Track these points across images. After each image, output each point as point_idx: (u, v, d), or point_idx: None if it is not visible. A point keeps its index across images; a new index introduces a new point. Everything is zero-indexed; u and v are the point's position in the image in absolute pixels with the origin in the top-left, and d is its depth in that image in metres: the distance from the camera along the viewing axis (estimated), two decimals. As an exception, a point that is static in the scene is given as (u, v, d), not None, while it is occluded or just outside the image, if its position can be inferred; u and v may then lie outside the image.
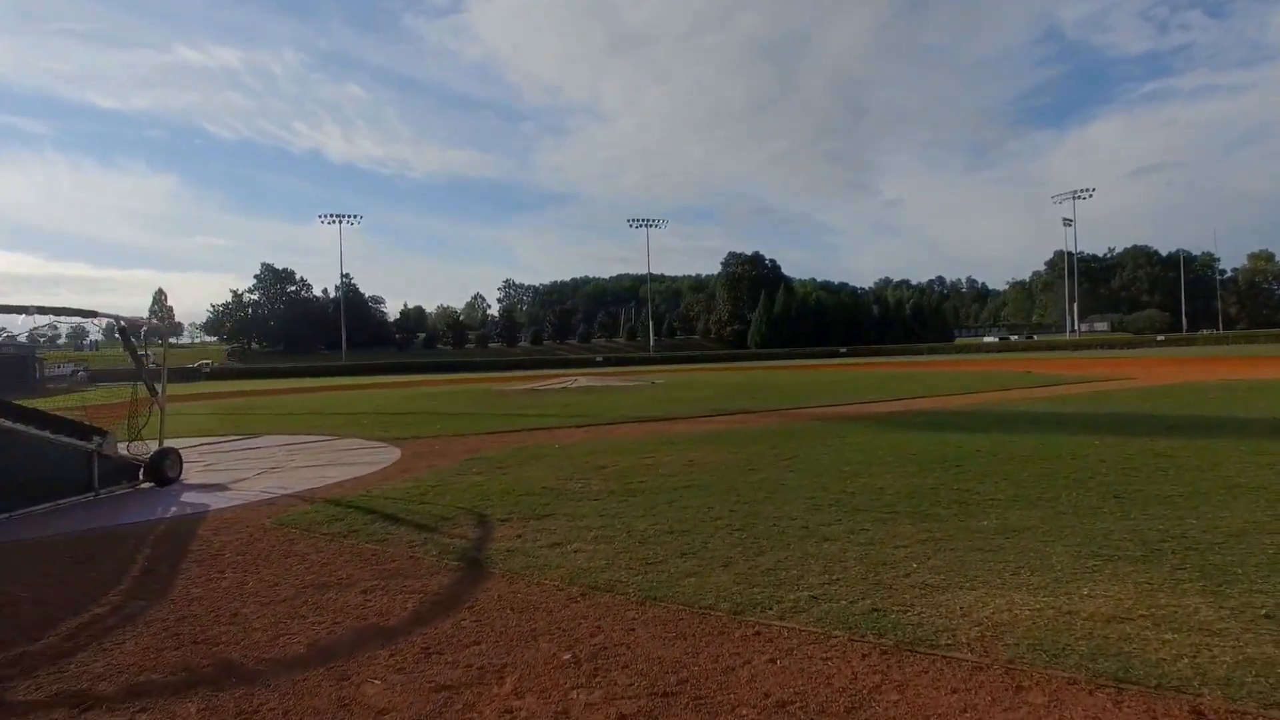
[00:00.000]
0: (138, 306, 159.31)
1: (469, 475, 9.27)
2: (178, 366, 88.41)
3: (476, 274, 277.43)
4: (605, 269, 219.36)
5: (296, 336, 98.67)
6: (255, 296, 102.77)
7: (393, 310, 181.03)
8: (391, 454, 11.65)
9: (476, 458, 10.78)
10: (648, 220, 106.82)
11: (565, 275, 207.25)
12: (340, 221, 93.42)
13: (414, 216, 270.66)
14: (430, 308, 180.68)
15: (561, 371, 64.26)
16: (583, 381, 29.72)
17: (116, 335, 10.48)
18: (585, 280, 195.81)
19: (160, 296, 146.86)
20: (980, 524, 5.96)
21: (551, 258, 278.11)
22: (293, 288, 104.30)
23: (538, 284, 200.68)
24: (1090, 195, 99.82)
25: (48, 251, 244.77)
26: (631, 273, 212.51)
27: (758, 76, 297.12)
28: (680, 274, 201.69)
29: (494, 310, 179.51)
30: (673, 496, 7.47)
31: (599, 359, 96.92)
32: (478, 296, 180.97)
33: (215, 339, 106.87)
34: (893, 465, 8.91)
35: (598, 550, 5.61)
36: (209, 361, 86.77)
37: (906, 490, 7.38)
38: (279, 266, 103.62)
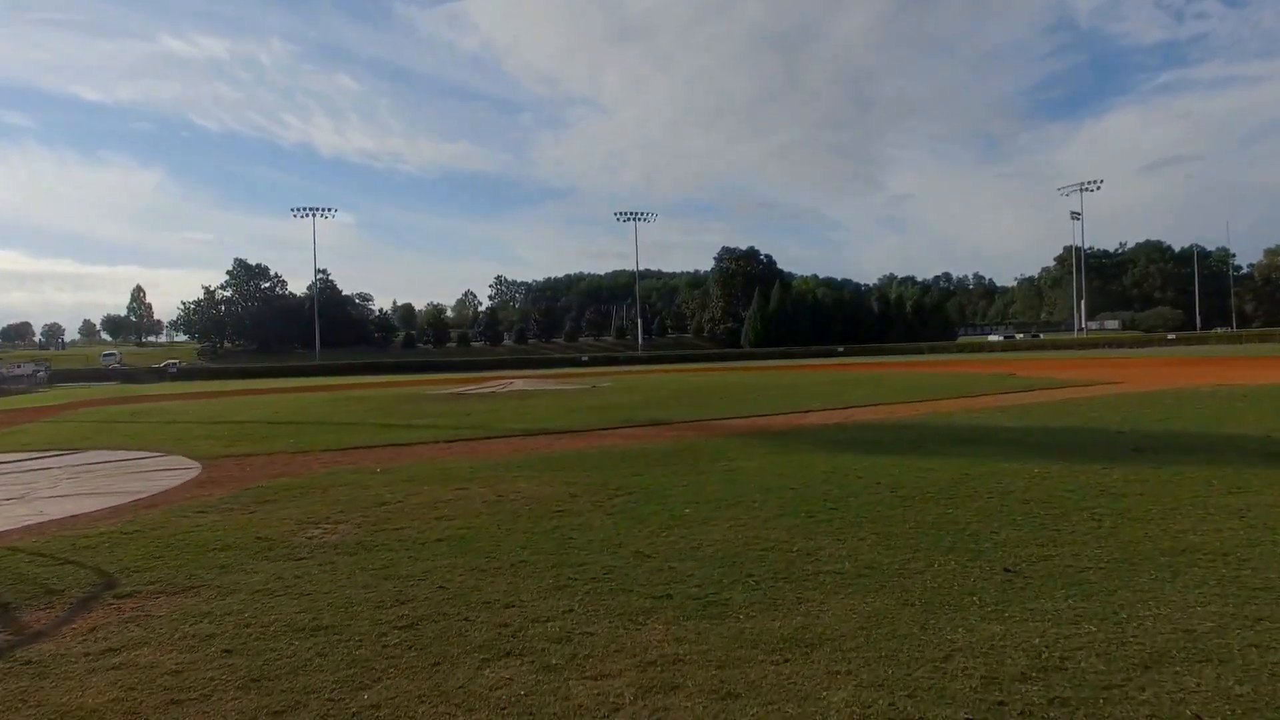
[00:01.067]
0: (124, 304, 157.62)
1: (207, 514, 7.33)
2: (143, 366, 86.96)
3: (473, 270, 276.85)
4: (604, 265, 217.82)
5: (271, 335, 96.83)
6: (228, 293, 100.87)
7: (383, 308, 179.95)
8: (183, 478, 9.73)
9: (264, 485, 8.83)
10: (636, 214, 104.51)
11: (563, 271, 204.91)
12: (314, 215, 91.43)
13: (407, 211, 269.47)
14: (421, 305, 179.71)
15: (518, 373, 61.91)
16: (519, 385, 27.71)
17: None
18: (580, 276, 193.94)
19: (138, 294, 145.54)
20: (774, 624, 3.96)
21: (549, 253, 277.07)
22: (267, 284, 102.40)
23: (531, 280, 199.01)
24: (1098, 187, 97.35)
25: (33, 248, 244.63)
26: (629, 269, 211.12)
27: (762, 67, 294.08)
28: (680, 270, 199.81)
29: (485, 307, 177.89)
30: (393, 558, 5.49)
31: (584, 358, 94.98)
32: (469, 293, 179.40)
33: (188, 338, 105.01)
34: (749, 507, 6.92)
35: (160, 662, 3.66)
36: (176, 361, 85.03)
37: (729, 551, 5.38)
38: (253, 262, 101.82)
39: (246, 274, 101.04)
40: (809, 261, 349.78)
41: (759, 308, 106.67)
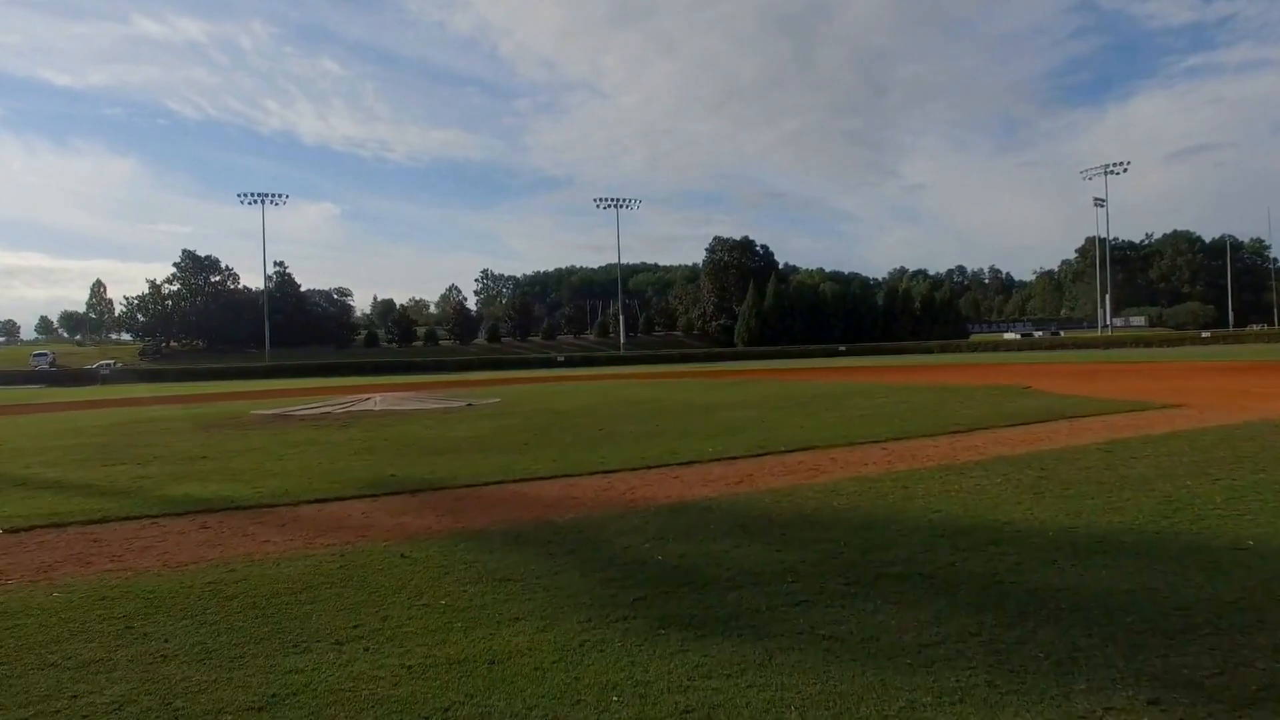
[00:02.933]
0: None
1: None
2: (78, 368, 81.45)
3: (465, 264, 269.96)
4: (603, 258, 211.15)
5: (221, 332, 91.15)
6: (175, 287, 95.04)
7: (362, 304, 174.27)
8: None
9: None
10: (618, 200, 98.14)
11: (559, 264, 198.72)
12: (263, 202, 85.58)
13: (395, 202, 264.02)
14: (404, 300, 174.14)
15: (422, 380, 55.21)
16: (377, 402, 21.64)
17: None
18: (571, 270, 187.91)
19: (98, 288, 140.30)
20: None
21: (546, 246, 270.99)
22: (217, 277, 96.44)
23: (519, 274, 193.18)
24: (1124, 169, 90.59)
25: (2, 240, 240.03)
26: (625, 262, 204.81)
27: (772, 50, 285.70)
28: (680, 263, 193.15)
29: (471, 303, 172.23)
30: None
31: (560, 358, 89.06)
32: (453, 288, 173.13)
33: (131, 336, 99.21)
34: None
35: None
36: (110, 362, 79.45)
37: None
38: (201, 254, 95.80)
39: (195, 266, 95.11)
40: (817, 254, 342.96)
41: (753, 303, 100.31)
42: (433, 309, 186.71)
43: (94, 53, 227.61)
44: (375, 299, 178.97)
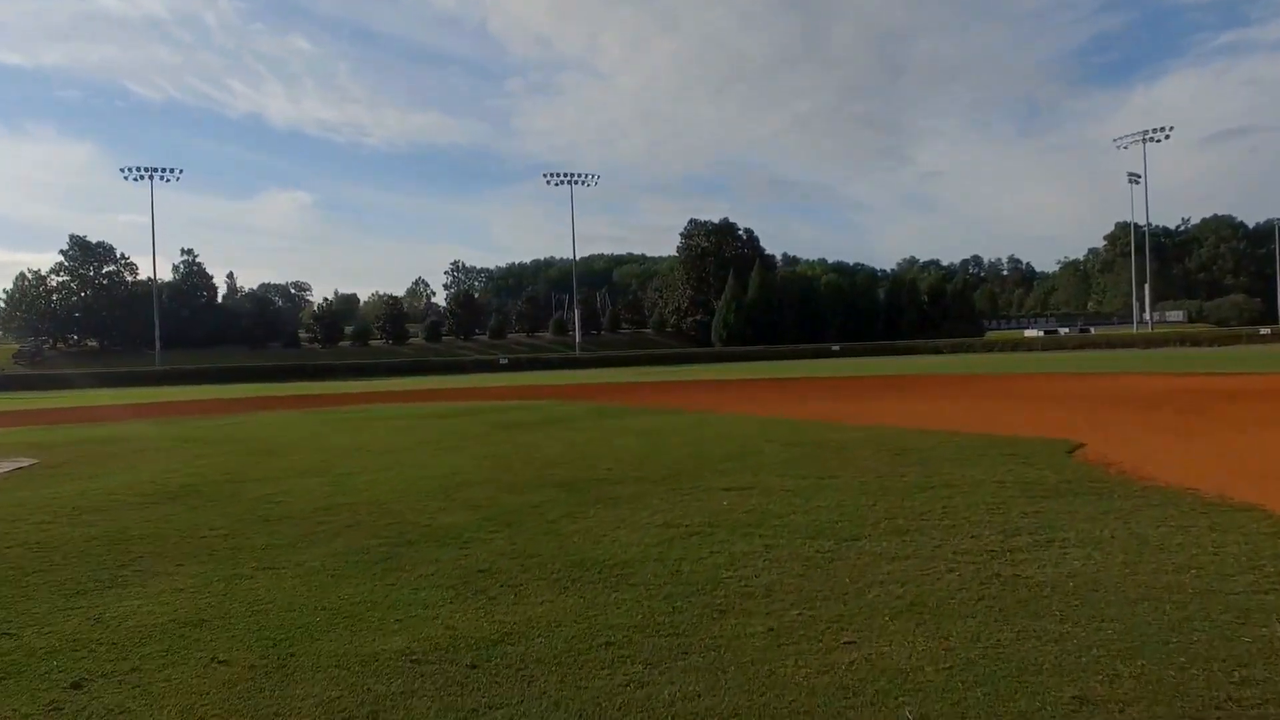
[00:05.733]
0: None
1: None
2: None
3: (448, 256, 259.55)
4: (597, 248, 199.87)
5: (116, 331, 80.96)
6: (63, 278, 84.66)
7: (318, 300, 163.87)
8: None
9: None
10: (571, 175, 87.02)
11: (550, 255, 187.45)
12: (152, 178, 75.11)
13: (371, 190, 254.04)
14: (367, 295, 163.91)
15: (281, 392, 42.28)
16: None
17: None
18: (549, 262, 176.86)
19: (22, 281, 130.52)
20: None
21: (537, 236, 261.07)
22: (110, 268, 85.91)
23: (493, 266, 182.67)
24: (1166, 136, 78.96)
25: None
26: (609, 252, 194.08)
27: (781, 26, 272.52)
28: (671, 254, 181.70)
29: (440, 298, 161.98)
30: None
31: (503, 360, 78.47)
32: (419, 281, 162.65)
33: (3, 334, 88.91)
34: None
35: None
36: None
37: None
38: (93, 240, 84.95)
39: (85, 256, 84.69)
40: (823, 246, 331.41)
41: (733, 296, 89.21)
42: (404, 304, 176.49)
43: (47, 29, 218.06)
44: (336, 294, 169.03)
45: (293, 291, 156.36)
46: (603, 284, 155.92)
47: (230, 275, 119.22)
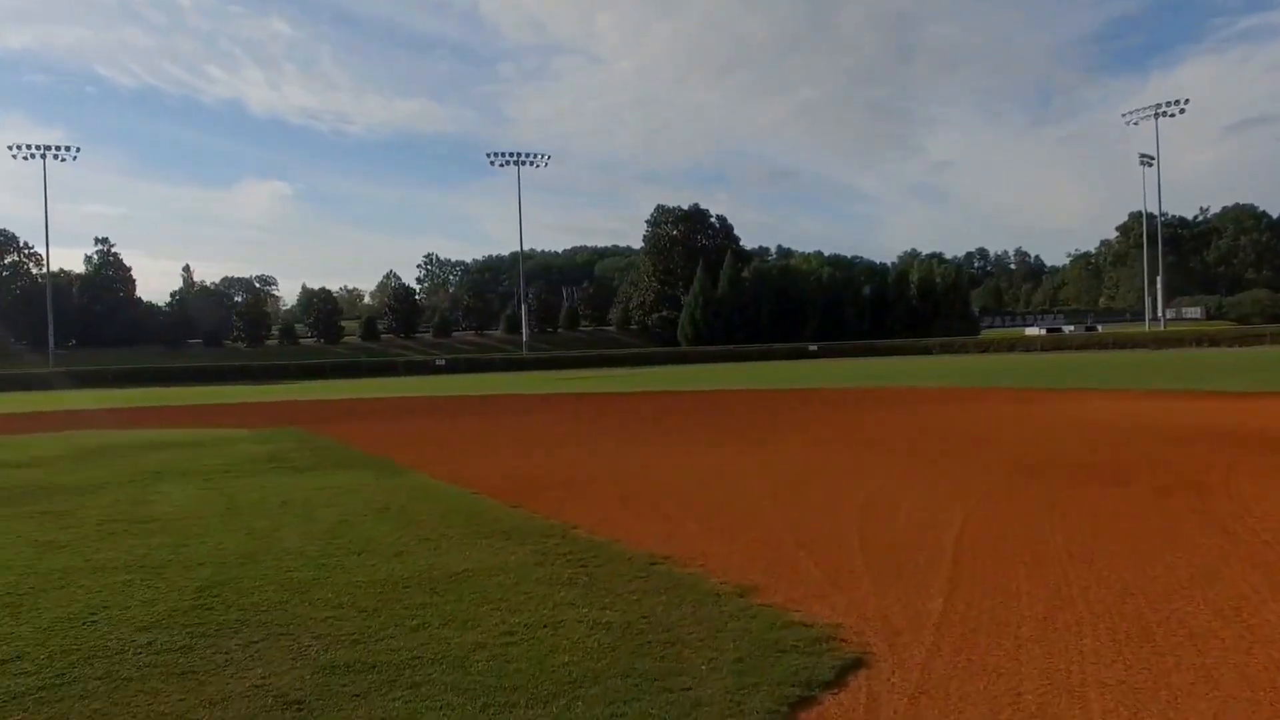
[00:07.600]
0: None
1: None
2: None
3: (433, 249, 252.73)
4: (593, 241, 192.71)
5: (20, 327, 74.66)
6: (-40, 270, 78.64)
7: (289, 297, 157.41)
8: None
9: None
10: (517, 156, 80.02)
11: (528, 247, 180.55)
12: (44, 156, 68.69)
13: (354, 180, 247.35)
14: (337, 288, 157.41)
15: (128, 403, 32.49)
16: None
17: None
18: (528, 255, 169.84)
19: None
20: None
21: (528, 229, 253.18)
22: (12, 258, 79.57)
23: (469, 260, 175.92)
24: (1183, 109, 71.58)
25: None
26: (592, 245, 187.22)
27: (786, 8, 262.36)
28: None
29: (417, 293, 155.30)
30: None
31: (440, 361, 71.85)
32: (390, 274, 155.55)
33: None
34: None
35: None
36: None
37: None
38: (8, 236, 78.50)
39: (-17, 245, 78.59)
40: (825, 238, 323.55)
41: (702, 290, 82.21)
42: (368, 299, 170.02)
43: (12, 11, 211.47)
44: (304, 287, 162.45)
45: (257, 286, 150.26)
46: (583, 278, 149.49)
47: (186, 268, 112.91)
